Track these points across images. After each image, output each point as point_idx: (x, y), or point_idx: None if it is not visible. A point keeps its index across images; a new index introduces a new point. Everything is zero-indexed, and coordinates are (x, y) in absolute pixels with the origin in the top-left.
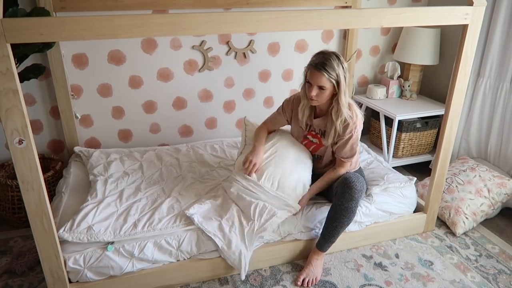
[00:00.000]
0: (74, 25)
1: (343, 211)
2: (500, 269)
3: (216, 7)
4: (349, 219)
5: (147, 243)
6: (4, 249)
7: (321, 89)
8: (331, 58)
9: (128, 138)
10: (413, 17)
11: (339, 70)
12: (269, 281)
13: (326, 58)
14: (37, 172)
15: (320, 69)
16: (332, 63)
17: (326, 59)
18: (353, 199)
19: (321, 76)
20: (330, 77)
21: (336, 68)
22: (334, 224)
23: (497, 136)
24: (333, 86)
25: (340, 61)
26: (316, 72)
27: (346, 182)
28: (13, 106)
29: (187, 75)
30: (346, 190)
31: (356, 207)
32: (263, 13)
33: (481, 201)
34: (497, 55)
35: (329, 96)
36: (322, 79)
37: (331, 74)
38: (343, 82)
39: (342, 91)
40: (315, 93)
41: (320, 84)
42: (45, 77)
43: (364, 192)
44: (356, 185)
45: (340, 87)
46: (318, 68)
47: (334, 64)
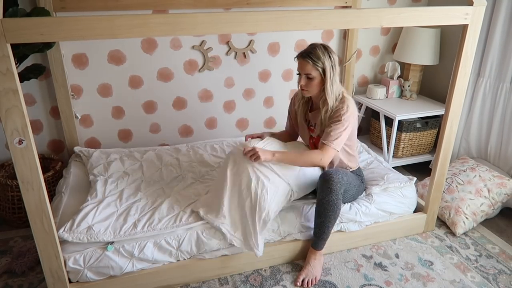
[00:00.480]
0: (74, 25)
1: (325, 205)
2: (500, 269)
3: (216, 7)
4: (334, 213)
5: (147, 243)
6: (4, 249)
7: (308, 78)
8: (317, 47)
9: (128, 138)
10: (413, 17)
11: (325, 59)
12: (269, 281)
13: (312, 47)
14: (37, 172)
15: (305, 57)
16: (317, 51)
17: (312, 48)
18: (332, 192)
19: (306, 64)
20: (315, 64)
21: (321, 56)
22: (321, 220)
23: (497, 136)
24: (320, 75)
25: (327, 51)
26: (302, 60)
27: (324, 176)
28: (13, 106)
29: (187, 75)
30: (324, 183)
31: (338, 199)
32: (263, 13)
33: (481, 201)
34: (497, 55)
35: (319, 86)
36: (307, 67)
37: (316, 62)
38: (329, 70)
39: (329, 80)
40: (304, 82)
41: (306, 72)
42: (45, 77)
43: (346, 185)
44: (333, 177)
45: (326, 75)
46: (304, 56)
47: (319, 53)
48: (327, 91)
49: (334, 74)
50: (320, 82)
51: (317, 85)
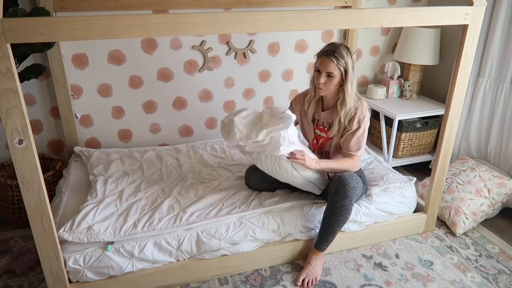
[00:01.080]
0: (74, 25)
1: (338, 209)
2: (500, 269)
3: (216, 7)
4: (344, 217)
5: (147, 243)
6: (4, 249)
7: (329, 76)
8: (340, 47)
9: (128, 138)
10: (413, 17)
11: (348, 59)
12: (269, 281)
13: (336, 46)
14: (37, 172)
15: (329, 55)
16: (342, 51)
17: (336, 47)
18: (347, 197)
19: (330, 62)
20: (338, 64)
21: (345, 56)
22: (330, 223)
23: (497, 136)
24: (341, 75)
25: (349, 52)
26: (326, 58)
27: (340, 180)
28: (13, 106)
29: (187, 75)
30: (339, 188)
31: (351, 205)
32: (263, 13)
33: (481, 201)
34: (497, 55)
35: (336, 86)
36: (331, 65)
37: (340, 61)
38: (350, 71)
39: (349, 81)
40: (323, 80)
41: (328, 70)
42: (45, 77)
43: (359, 190)
44: (349, 183)
45: (348, 76)
46: (328, 54)
47: (343, 53)
48: (347, 92)
49: (354, 75)
50: (339, 82)
51: (335, 85)
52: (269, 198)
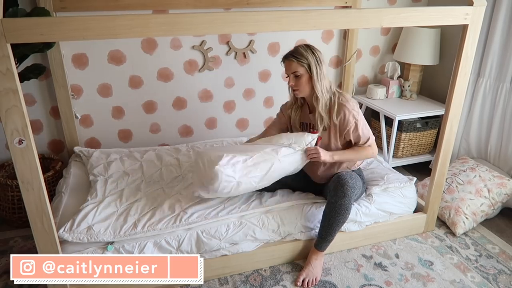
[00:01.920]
0: (74, 25)
1: (337, 208)
2: (500, 269)
3: (216, 7)
4: (343, 217)
5: (147, 243)
6: (4, 249)
7: (296, 76)
8: (299, 47)
9: (128, 138)
10: (413, 17)
11: (308, 55)
12: (269, 281)
13: (295, 48)
14: (37, 172)
15: (288, 57)
16: (300, 49)
17: (295, 48)
18: (346, 196)
19: (291, 63)
20: (299, 61)
21: (304, 53)
22: (329, 223)
23: (497, 136)
24: (306, 71)
25: (309, 48)
26: (286, 61)
27: (338, 180)
28: (13, 106)
29: (187, 75)
30: (338, 187)
31: (350, 204)
32: (263, 13)
33: (481, 201)
34: (497, 55)
35: (308, 83)
36: (292, 65)
37: (299, 59)
38: (314, 65)
39: (315, 75)
40: (293, 81)
41: (292, 70)
42: (45, 77)
43: (358, 190)
44: (348, 182)
45: (312, 71)
46: (287, 56)
47: (302, 50)
48: (315, 86)
49: (321, 69)
50: (309, 79)
51: (306, 83)
52: (269, 198)
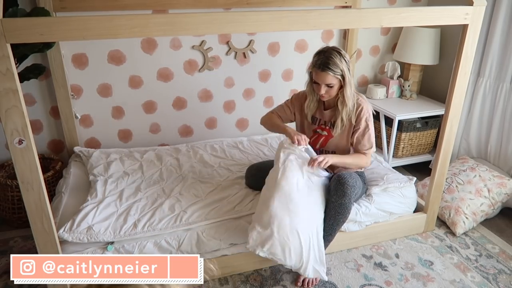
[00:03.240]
0: (74, 25)
1: (337, 208)
2: (500, 269)
3: (216, 7)
4: (344, 216)
5: (147, 243)
6: (4, 249)
7: (329, 87)
8: (332, 55)
9: (128, 138)
10: (413, 17)
11: (342, 65)
12: (269, 281)
13: (327, 57)
14: (37, 172)
15: (325, 69)
16: (335, 60)
17: (328, 58)
18: (346, 195)
19: (326, 76)
20: (335, 74)
21: (339, 64)
22: (329, 222)
23: (497, 136)
24: (339, 81)
25: (341, 56)
26: (321, 72)
27: (339, 179)
28: (13, 106)
29: (187, 75)
30: (338, 186)
31: (350, 204)
32: (263, 13)
33: (481, 201)
34: (497, 55)
35: (337, 90)
36: (328, 78)
37: (335, 72)
38: (347, 75)
39: (348, 84)
40: (324, 91)
41: (327, 82)
42: (45, 77)
43: (358, 189)
44: (348, 181)
45: (345, 81)
46: (322, 68)
47: (337, 61)
48: (346, 95)
49: (351, 75)
50: (339, 87)
51: (336, 90)
52: None
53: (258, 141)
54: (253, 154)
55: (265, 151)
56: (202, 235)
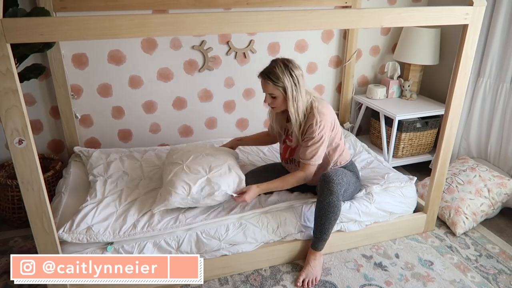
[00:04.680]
0: (74, 25)
1: (326, 206)
2: (500, 269)
3: (216, 7)
4: (334, 214)
5: (147, 244)
6: (4, 249)
7: (272, 97)
8: (276, 66)
9: (128, 138)
10: (413, 17)
11: (285, 77)
12: (269, 281)
13: (271, 66)
14: (37, 172)
15: (265, 78)
16: (276, 71)
17: (271, 68)
18: (333, 193)
19: (267, 85)
20: (275, 85)
21: (280, 76)
22: (321, 222)
23: (497, 136)
24: (282, 94)
25: (287, 68)
26: (263, 80)
27: (324, 178)
28: (13, 106)
29: (187, 75)
30: (324, 185)
31: (338, 201)
32: (263, 13)
33: (481, 201)
34: (497, 55)
35: (284, 103)
36: (268, 87)
37: (276, 82)
38: (290, 89)
39: (291, 99)
40: (269, 100)
41: (268, 91)
42: (45, 77)
43: (346, 185)
44: (333, 179)
45: (287, 94)
46: (264, 76)
47: (278, 72)
48: (289, 109)
49: (297, 91)
50: (285, 99)
51: (282, 102)
52: (268, 198)
53: None
54: (253, 154)
55: (265, 151)
56: (202, 235)
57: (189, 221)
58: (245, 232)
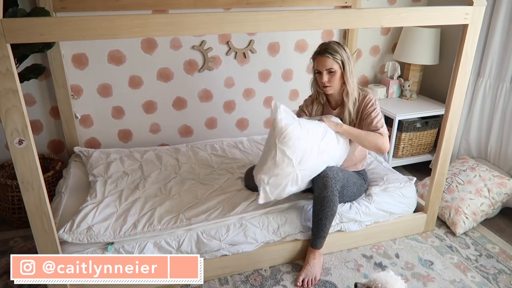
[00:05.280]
0: (74, 25)
1: (321, 200)
2: (500, 269)
3: (216, 7)
4: (330, 209)
5: (147, 244)
6: (4, 249)
7: (330, 73)
8: (331, 43)
9: (128, 138)
10: (413, 17)
11: (341, 51)
12: (269, 281)
13: (326, 44)
14: (37, 172)
15: (324, 53)
16: (333, 46)
17: (326, 45)
18: (327, 187)
19: (327, 59)
20: (335, 58)
21: (338, 50)
22: (318, 217)
23: (497, 136)
24: (340, 68)
25: (340, 45)
26: (321, 57)
27: (319, 173)
28: (13, 106)
29: (187, 75)
30: (319, 180)
31: (334, 196)
32: (263, 13)
33: (481, 201)
34: (497, 55)
35: (340, 80)
36: (328, 62)
37: (335, 56)
38: (347, 62)
39: (348, 71)
40: (326, 78)
41: (328, 67)
42: (45, 77)
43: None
44: (327, 174)
45: (345, 67)
46: (322, 53)
47: (336, 47)
48: (348, 82)
49: (351, 65)
50: (341, 76)
51: (339, 79)
52: None
53: (258, 141)
54: (253, 154)
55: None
56: (202, 236)
57: (189, 221)
58: (245, 232)
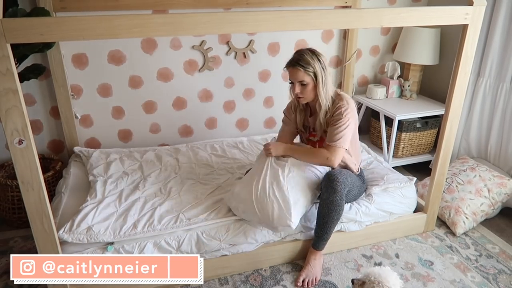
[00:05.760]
0: (74, 25)
1: (329, 205)
2: (500, 269)
3: (216, 7)
4: (337, 213)
5: (147, 244)
6: (4, 249)
7: (302, 85)
8: (304, 53)
9: (128, 138)
10: (413, 17)
11: (314, 63)
12: (269, 281)
13: (299, 54)
14: (37, 172)
15: (295, 65)
16: (306, 57)
17: (299, 55)
18: (336, 192)
19: (298, 72)
20: (306, 71)
21: (310, 61)
22: (324, 220)
23: (497, 136)
24: (312, 80)
25: (315, 55)
26: (292, 68)
27: (329, 176)
28: (13, 106)
29: (187, 75)
30: (328, 183)
31: (342, 200)
32: (263, 13)
33: (481, 201)
34: (497, 55)
35: (313, 91)
36: (299, 74)
37: (306, 68)
38: (320, 73)
39: (321, 83)
40: (299, 89)
41: (299, 79)
42: (45, 77)
43: (350, 186)
44: (338, 178)
45: (318, 79)
46: (293, 64)
47: (308, 58)
48: (319, 94)
49: (325, 76)
50: (314, 87)
51: (311, 91)
52: None
53: (258, 141)
54: (253, 154)
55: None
56: (202, 236)
57: (189, 221)
58: (245, 232)
